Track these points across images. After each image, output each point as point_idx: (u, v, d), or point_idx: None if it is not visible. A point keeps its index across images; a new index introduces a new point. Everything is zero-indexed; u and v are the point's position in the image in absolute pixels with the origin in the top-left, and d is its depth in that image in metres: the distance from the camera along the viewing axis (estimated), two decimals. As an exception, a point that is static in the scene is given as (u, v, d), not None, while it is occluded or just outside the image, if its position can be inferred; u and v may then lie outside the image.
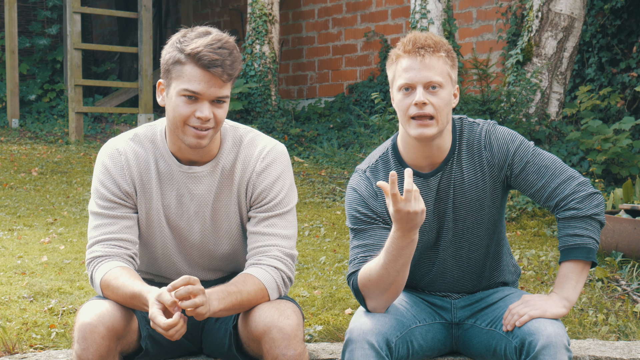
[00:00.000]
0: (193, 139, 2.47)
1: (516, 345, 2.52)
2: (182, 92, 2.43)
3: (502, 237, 2.79)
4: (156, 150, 2.62)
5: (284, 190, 2.61)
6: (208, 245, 2.69)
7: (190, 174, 2.60)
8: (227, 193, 2.63)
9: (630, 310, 3.65)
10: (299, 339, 2.45)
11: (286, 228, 2.60)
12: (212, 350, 2.75)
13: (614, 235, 4.35)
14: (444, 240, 2.71)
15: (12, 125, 10.26)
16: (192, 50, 2.40)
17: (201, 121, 2.44)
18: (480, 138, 2.63)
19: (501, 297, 2.74)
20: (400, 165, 2.65)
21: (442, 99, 2.50)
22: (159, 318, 2.29)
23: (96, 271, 2.55)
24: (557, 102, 6.97)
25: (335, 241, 5.11)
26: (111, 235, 2.57)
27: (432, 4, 7.49)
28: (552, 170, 2.60)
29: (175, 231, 2.67)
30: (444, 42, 2.56)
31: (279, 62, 10.91)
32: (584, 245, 2.57)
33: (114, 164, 2.60)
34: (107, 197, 2.59)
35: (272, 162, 2.61)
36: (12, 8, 10.26)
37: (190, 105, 2.44)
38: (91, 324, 2.40)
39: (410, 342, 2.63)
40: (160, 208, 2.63)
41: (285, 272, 2.58)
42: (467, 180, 2.65)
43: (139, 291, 2.41)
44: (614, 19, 7.90)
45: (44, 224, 5.58)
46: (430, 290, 2.81)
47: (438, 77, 2.50)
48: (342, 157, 7.96)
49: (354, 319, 2.59)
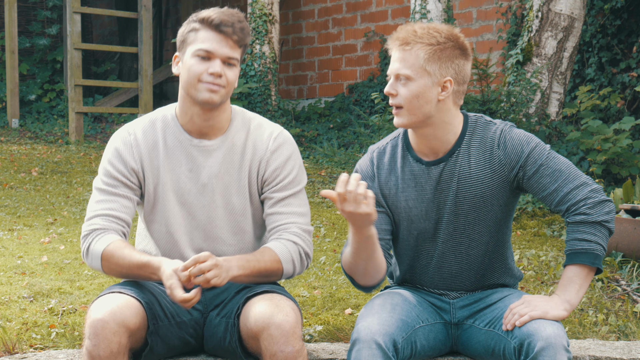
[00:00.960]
0: (206, 93, 2.63)
1: (515, 345, 2.52)
2: (196, 52, 2.63)
3: (505, 239, 2.79)
4: (166, 126, 2.75)
5: (296, 169, 2.76)
6: (215, 222, 2.73)
7: (200, 147, 2.73)
8: (237, 168, 2.74)
9: (630, 310, 3.65)
10: (297, 335, 2.48)
11: (301, 206, 2.75)
12: (214, 346, 2.76)
13: (614, 235, 4.35)
14: (444, 233, 2.71)
15: (12, 125, 10.26)
16: (205, 16, 2.64)
17: (214, 77, 2.62)
18: (495, 136, 2.66)
19: (500, 297, 2.74)
20: (406, 151, 2.73)
21: (410, 90, 2.59)
22: (177, 290, 2.43)
23: (96, 242, 2.64)
24: (557, 102, 6.97)
25: (335, 241, 5.11)
26: (111, 212, 2.68)
27: (432, 4, 7.49)
28: (566, 174, 2.60)
29: (183, 207, 2.73)
30: (424, 35, 2.59)
31: (279, 62, 10.91)
32: (591, 250, 2.57)
33: (123, 144, 2.74)
34: (112, 175, 2.71)
35: (283, 143, 2.76)
36: (12, 8, 10.26)
37: (203, 64, 2.63)
38: (103, 320, 2.43)
39: (414, 342, 2.64)
40: (168, 182, 2.72)
41: (303, 247, 2.72)
42: (474, 174, 2.66)
43: (147, 260, 2.55)
44: (614, 19, 7.90)
45: (44, 224, 5.58)
46: (430, 287, 2.81)
47: (406, 69, 2.60)
48: (342, 157, 7.96)
49: (360, 319, 2.60)
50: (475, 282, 2.78)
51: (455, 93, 2.63)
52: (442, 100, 2.61)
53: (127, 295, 2.55)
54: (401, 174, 2.70)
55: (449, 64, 2.60)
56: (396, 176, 2.73)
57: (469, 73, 2.66)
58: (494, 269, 2.79)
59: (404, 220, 2.74)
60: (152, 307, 2.61)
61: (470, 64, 2.66)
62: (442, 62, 2.59)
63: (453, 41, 2.60)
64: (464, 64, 2.63)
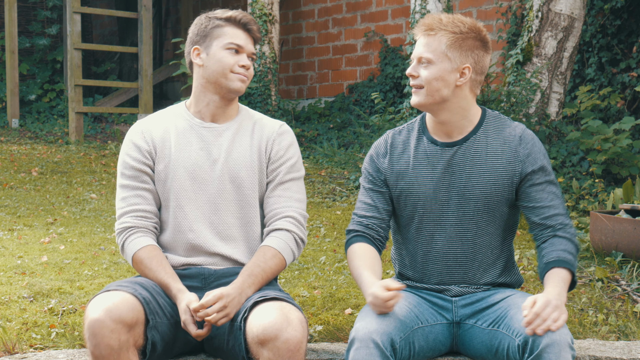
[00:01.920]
0: (238, 82, 2.87)
1: (519, 343, 2.52)
2: (227, 45, 2.87)
3: (510, 237, 2.88)
4: (177, 116, 2.96)
5: (296, 156, 2.96)
6: (224, 195, 2.86)
7: (211, 129, 2.92)
8: (247, 146, 2.92)
9: (630, 310, 3.65)
10: (302, 351, 2.51)
11: (298, 192, 2.93)
12: (215, 348, 2.78)
13: (614, 235, 4.35)
14: (453, 217, 2.78)
15: (12, 125, 10.26)
16: (229, 16, 2.89)
17: (244, 69, 2.88)
18: (516, 132, 2.82)
19: (503, 297, 2.75)
20: (422, 133, 2.86)
21: (431, 73, 2.73)
22: (191, 326, 2.63)
23: (128, 243, 2.83)
24: (557, 102, 6.97)
25: (335, 241, 5.11)
26: (137, 206, 2.86)
27: (432, 4, 7.49)
28: (561, 201, 2.81)
29: (194, 181, 2.86)
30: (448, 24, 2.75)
31: (279, 62, 10.91)
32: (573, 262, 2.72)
33: (136, 134, 2.93)
34: (130, 165, 2.88)
35: (287, 131, 2.98)
36: (12, 8, 10.25)
37: (234, 57, 2.87)
38: (99, 320, 2.48)
39: (412, 343, 2.64)
40: (180, 159, 2.87)
41: (297, 234, 2.87)
42: (489, 161, 2.77)
43: (167, 284, 2.73)
44: (614, 19, 7.90)
45: (44, 224, 5.58)
46: (431, 279, 2.82)
47: (428, 53, 2.74)
48: (342, 157, 7.96)
49: (359, 319, 2.61)
50: (478, 275, 2.79)
51: (473, 81, 2.78)
52: (459, 86, 2.75)
53: (123, 292, 2.59)
54: (414, 153, 2.83)
55: (469, 52, 2.76)
56: (409, 154, 2.84)
57: (487, 65, 2.82)
58: (497, 264, 2.82)
59: (412, 199, 2.81)
60: (149, 303, 2.63)
61: (489, 57, 2.82)
62: (462, 50, 2.74)
63: (475, 33, 2.76)
64: (484, 55, 2.79)
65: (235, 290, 2.66)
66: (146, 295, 2.64)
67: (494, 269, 2.82)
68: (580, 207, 5.70)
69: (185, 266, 2.85)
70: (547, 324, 2.45)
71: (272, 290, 2.74)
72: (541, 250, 2.74)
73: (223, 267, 2.86)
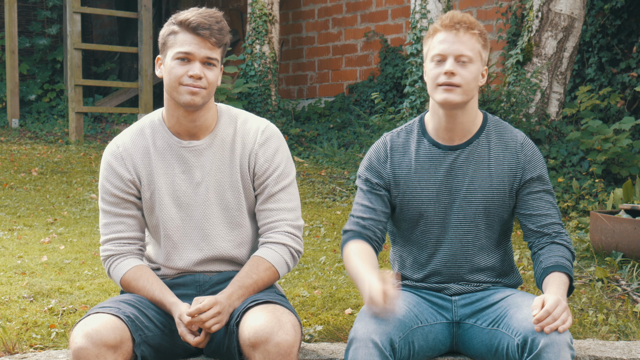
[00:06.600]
0: (187, 95, 2.66)
1: (519, 342, 2.52)
2: (175, 55, 2.66)
3: (507, 240, 2.89)
4: (155, 132, 2.79)
5: (284, 162, 2.80)
6: (211, 219, 2.77)
7: (190, 148, 2.77)
8: (228, 164, 2.78)
9: (630, 310, 3.65)
10: (293, 355, 2.50)
11: (290, 201, 2.81)
12: (212, 350, 2.77)
13: (614, 235, 4.35)
14: (455, 219, 2.77)
15: (12, 125, 10.26)
16: (183, 19, 2.66)
17: (193, 79, 2.65)
18: (517, 139, 2.81)
19: (502, 297, 2.75)
20: (422, 136, 2.81)
21: (471, 72, 2.68)
22: (188, 336, 2.61)
23: (113, 270, 2.78)
24: (557, 102, 6.97)
25: (335, 241, 5.11)
26: (119, 234, 2.78)
27: (432, 4, 7.49)
28: (557, 210, 2.80)
29: (179, 208, 2.77)
30: (478, 23, 2.74)
31: (279, 62, 10.91)
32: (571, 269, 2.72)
33: (114, 158, 2.78)
34: (111, 192, 2.77)
35: (270, 137, 2.80)
36: (12, 8, 10.25)
37: (183, 67, 2.66)
38: (82, 348, 2.48)
39: (412, 343, 2.64)
40: (163, 185, 2.76)
41: (293, 247, 2.80)
42: (492, 165, 2.76)
43: (160, 300, 2.70)
44: (614, 19, 7.90)
45: (44, 224, 5.58)
46: (430, 279, 2.82)
47: (469, 51, 2.67)
48: (342, 157, 7.96)
49: (358, 319, 2.60)
50: (477, 275, 2.80)
51: None
52: (479, 87, 2.76)
53: (105, 314, 2.57)
54: (415, 156, 2.80)
55: (488, 54, 2.77)
56: (410, 158, 2.81)
57: None
58: (496, 265, 2.83)
59: (415, 202, 2.80)
60: (134, 320, 2.61)
61: None
62: (486, 51, 2.76)
63: (485, 35, 2.77)
64: None
65: (226, 300, 2.64)
66: (131, 312, 2.63)
67: (492, 270, 2.82)
68: (580, 207, 5.70)
69: (179, 274, 2.83)
70: (556, 324, 2.45)
71: (267, 294, 2.72)
72: (538, 256, 2.73)
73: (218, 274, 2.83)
